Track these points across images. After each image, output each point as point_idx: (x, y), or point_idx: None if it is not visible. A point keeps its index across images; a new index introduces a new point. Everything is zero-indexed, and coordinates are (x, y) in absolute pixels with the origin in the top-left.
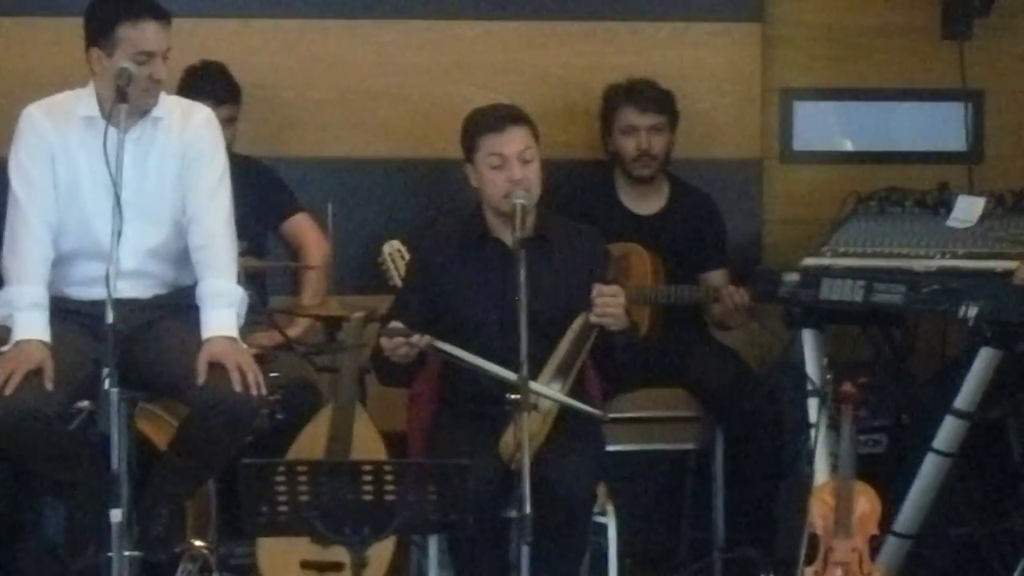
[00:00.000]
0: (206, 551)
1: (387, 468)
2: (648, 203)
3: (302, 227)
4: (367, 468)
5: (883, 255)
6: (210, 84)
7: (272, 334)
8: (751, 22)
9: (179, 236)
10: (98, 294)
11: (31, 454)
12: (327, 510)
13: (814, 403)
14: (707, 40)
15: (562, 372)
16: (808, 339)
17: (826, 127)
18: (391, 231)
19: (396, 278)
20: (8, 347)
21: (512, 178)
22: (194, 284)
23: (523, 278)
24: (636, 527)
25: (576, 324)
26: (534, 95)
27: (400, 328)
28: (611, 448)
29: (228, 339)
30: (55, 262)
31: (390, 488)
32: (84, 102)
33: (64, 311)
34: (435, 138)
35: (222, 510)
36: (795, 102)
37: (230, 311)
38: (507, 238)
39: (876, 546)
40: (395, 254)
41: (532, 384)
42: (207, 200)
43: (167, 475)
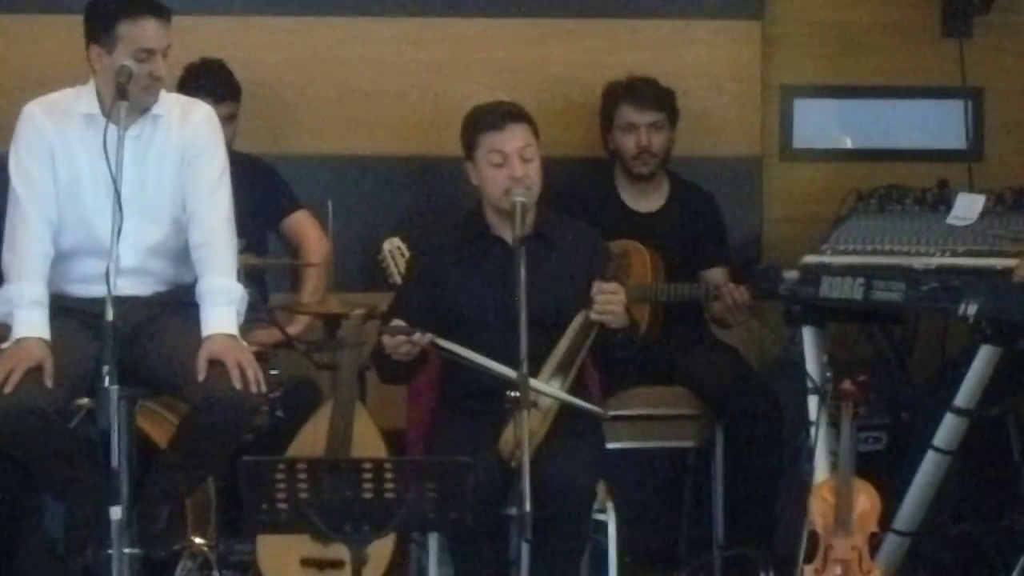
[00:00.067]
0: (206, 548)
1: (387, 466)
2: (648, 201)
3: (302, 224)
4: (367, 466)
5: (883, 253)
6: (210, 82)
7: (272, 331)
8: (751, 20)
9: (179, 234)
10: (98, 291)
11: (31, 452)
12: (327, 507)
13: (814, 401)
14: (707, 38)
15: (562, 370)
16: (808, 337)
17: (826, 125)
18: (391, 228)
19: (396, 275)
20: (8, 344)
21: (512, 176)
22: (194, 282)
23: (523, 276)
24: (636, 525)
25: (576, 322)
26: (534, 93)
27: (402, 326)
28: (611, 446)
29: (228, 337)
30: (55, 259)
31: (390, 486)
32: (84, 100)
33: (64, 308)
34: (435, 136)
35: (222, 507)
36: (795, 99)
37: (230, 309)
38: (507, 236)
39: (876, 544)
40: (395, 251)
41: (532, 382)
42: (207, 198)
43: (167, 472)
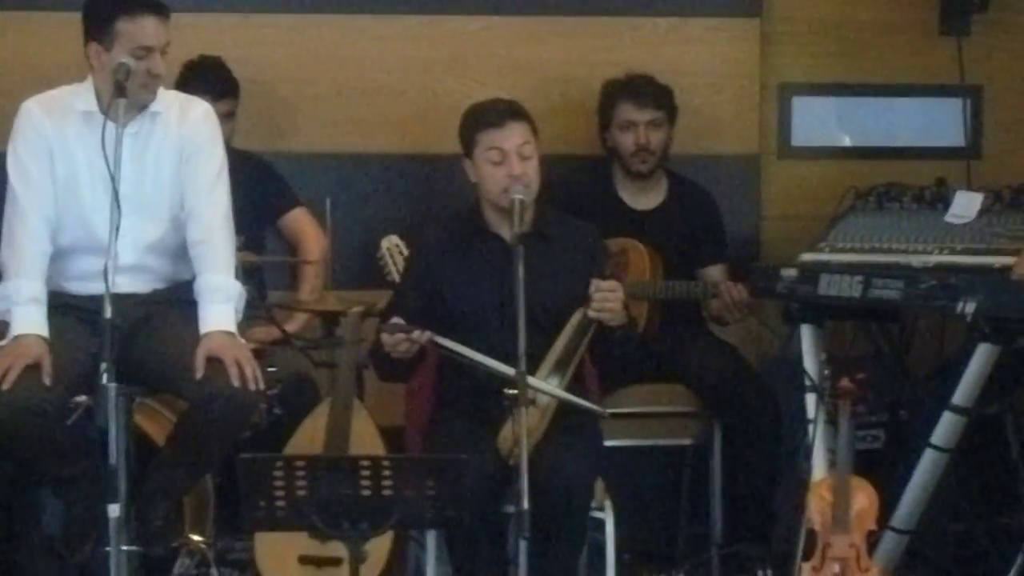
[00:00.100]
0: (204, 546)
1: (385, 463)
2: (646, 198)
3: (300, 222)
4: (365, 463)
5: (881, 251)
6: (208, 79)
7: (270, 329)
8: (749, 17)
9: (177, 231)
10: (96, 289)
11: (29, 449)
12: (325, 505)
13: (812, 399)
14: (705, 35)
15: (560, 367)
16: (806, 335)
17: (824, 123)
18: (389, 226)
19: (394, 273)
20: (6, 342)
21: (511, 173)
22: (192, 279)
23: (521, 273)
24: (634, 522)
25: (574, 319)
26: (532, 90)
27: (401, 324)
28: (609, 443)
29: (226, 334)
30: (53, 257)
31: (388, 483)
32: (82, 97)
33: (62, 306)
34: (433, 133)
35: (220, 505)
36: (793, 97)
37: (228, 306)
38: (505, 233)
39: (874, 542)
40: (393, 249)
41: (530, 379)
42: (205, 195)
43: (165, 470)
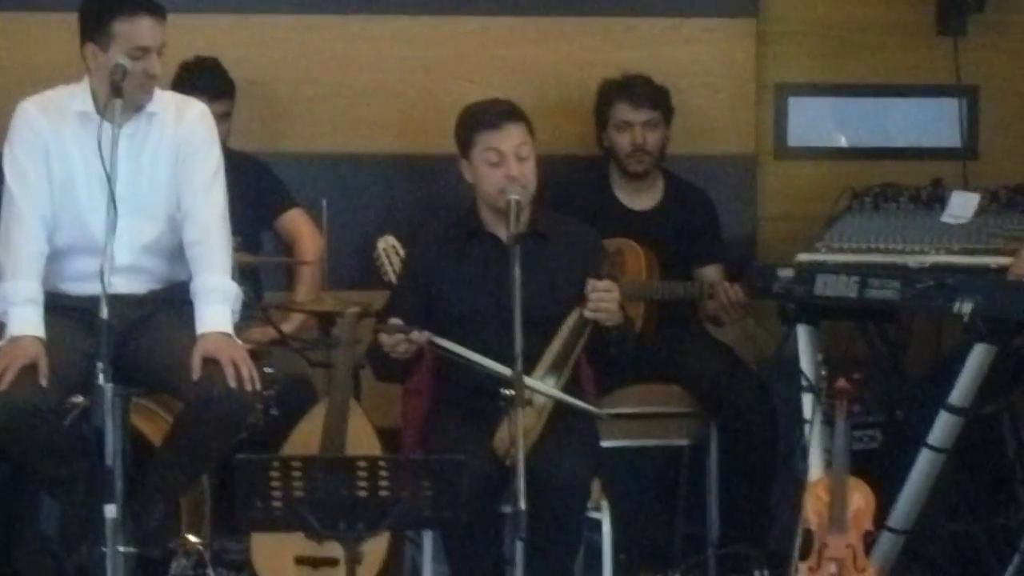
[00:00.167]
0: (200, 546)
1: (381, 463)
2: (643, 199)
3: (296, 223)
4: (361, 464)
5: (878, 251)
6: (204, 80)
7: (266, 330)
8: (746, 18)
9: (173, 232)
10: (92, 289)
11: (25, 450)
12: (321, 505)
13: (808, 399)
14: (702, 36)
15: (556, 368)
16: (802, 335)
17: (821, 123)
18: (385, 227)
19: (390, 274)
20: (2, 343)
21: (509, 175)
22: (188, 280)
23: (518, 274)
24: (630, 523)
25: (570, 319)
26: (529, 91)
27: (399, 324)
28: (605, 444)
29: (222, 335)
30: (49, 257)
31: (384, 483)
32: (79, 97)
33: (59, 307)
34: (430, 134)
35: (216, 506)
36: (790, 98)
37: (224, 307)
38: (502, 234)
39: (870, 542)
40: (389, 250)
41: (527, 380)
42: (201, 196)
43: (161, 470)
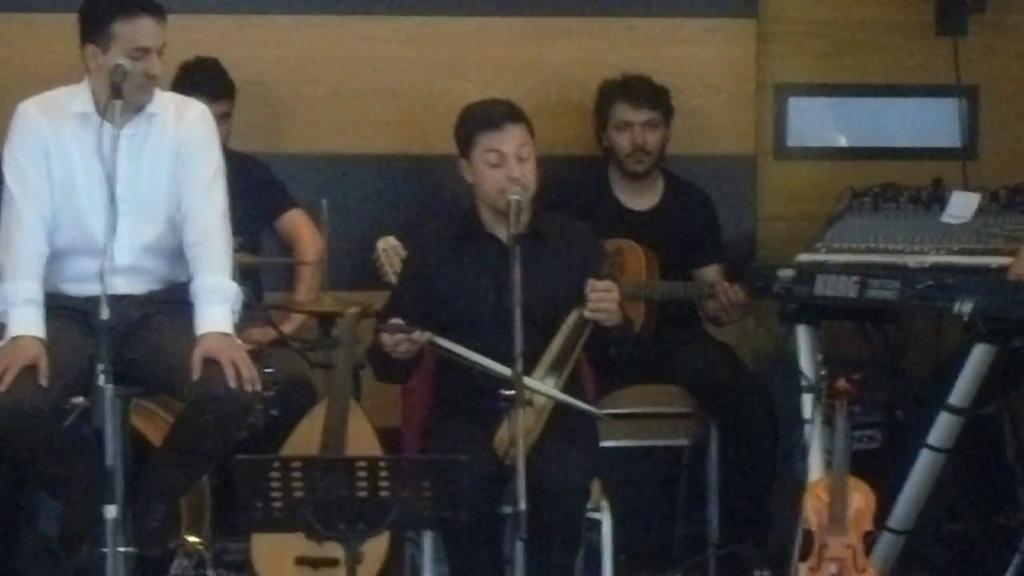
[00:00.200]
0: (201, 547)
1: (382, 464)
2: (643, 199)
3: (296, 223)
4: (362, 464)
5: (878, 251)
6: (204, 80)
7: (266, 330)
8: (745, 18)
9: (174, 232)
10: (93, 290)
11: (26, 450)
12: (322, 506)
13: (808, 399)
14: (701, 36)
15: (556, 368)
16: (802, 335)
17: (821, 123)
18: (385, 227)
19: (390, 274)
20: (3, 343)
21: (510, 176)
22: (189, 280)
23: (518, 274)
24: (630, 523)
25: (570, 319)
26: (529, 91)
27: (401, 324)
28: (605, 444)
29: (222, 335)
30: (50, 258)
31: (385, 484)
32: (79, 98)
33: (59, 307)
34: (430, 134)
35: (217, 506)
36: (789, 98)
37: (224, 307)
38: (502, 234)
39: (870, 542)
40: (389, 250)
41: (528, 380)
42: (202, 196)
43: (161, 471)
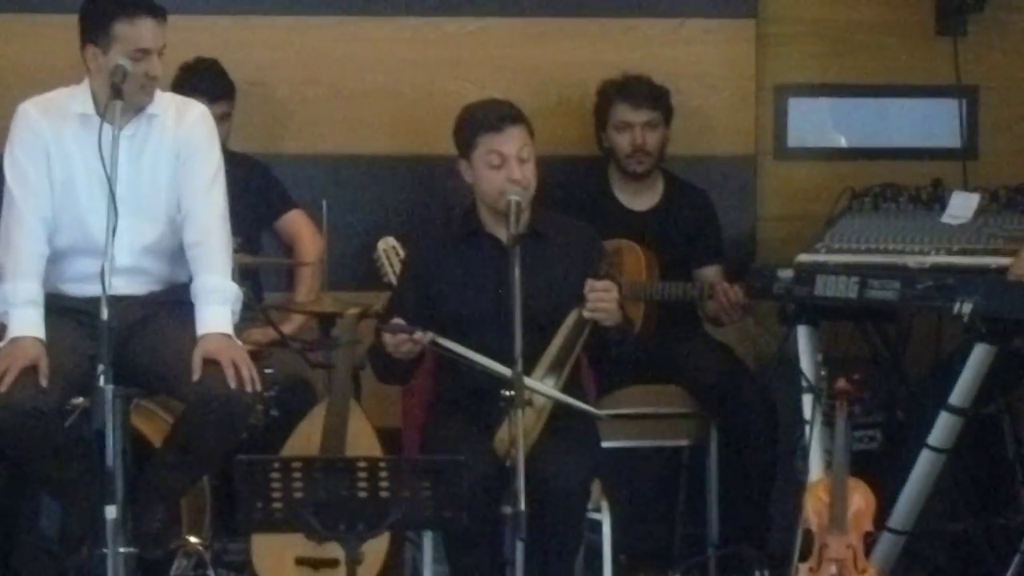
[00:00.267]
0: (201, 547)
1: (382, 464)
2: (642, 199)
3: (296, 224)
4: (362, 464)
5: (878, 251)
6: (204, 81)
7: (267, 330)
8: (745, 18)
9: (174, 233)
10: (93, 291)
11: (26, 451)
12: (322, 506)
13: (808, 399)
14: (701, 36)
15: (556, 368)
16: (803, 335)
17: (820, 123)
18: (385, 227)
19: (390, 274)
20: (3, 344)
21: (511, 178)
22: (189, 281)
23: (517, 274)
24: (630, 523)
25: (569, 319)
26: (529, 91)
27: (403, 324)
28: (605, 444)
29: (223, 336)
30: (50, 259)
31: (385, 484)
32: (79, 99)
33: (59, 308)
34: (430, 134)
35: (217, 506)
36: (789, 98)
37: (225, 308)
38: (502, 234)
39: (871, 542)
40: (389, 251)
41: (528, 380)
42: (202, 197)
43: (162, 471)
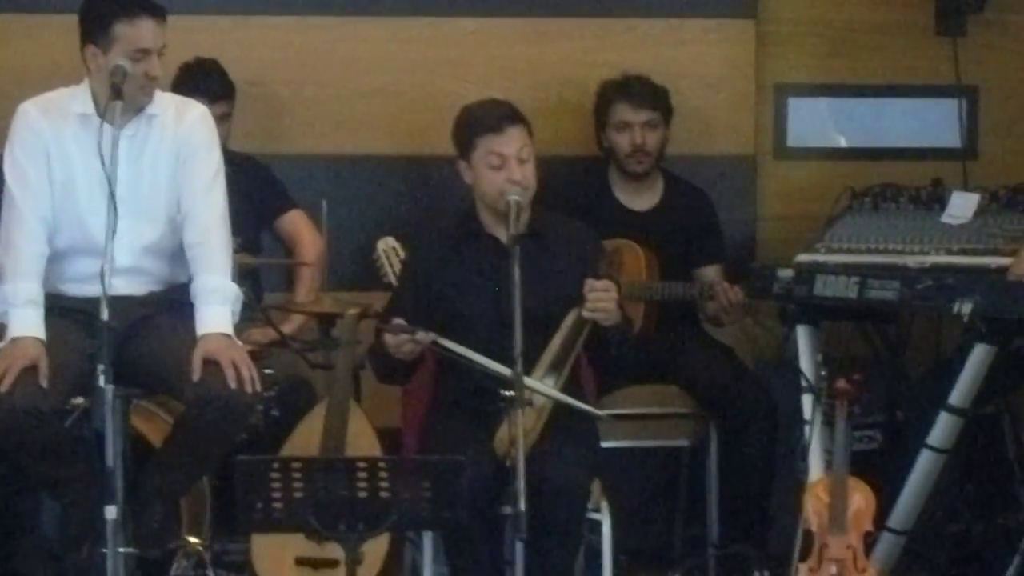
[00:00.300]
0: (201, 547)
1: (382, 464)
2: (642, 199)
3: (296, 224)
4: (362, 464)
5: (877, 251)
6: (204, 81)
7: (266, 331)
8: (745, 18)
9: (174, 233)
10: (93, 291)
11: (26, 451)
12: (322, 506)
13: (808, 399)
14: (701, 36)
15: (555, 368)
16: (802, 335)
17: (820, 123)
18: (385, 228)
19: (390, 275)
20: (3, 344)
21: (511, 178)
22: (189, 281)
23: (517, 275)
24: (630, 523)
25: (569, 319)
26: (528, 91)
27: (403, 324)
28: (605, 444)
29: (223, 336)
30: (50, 259)
31: (384, 484)
32: (79, 99)
33: (59, 308)
34: (429, 135)
35: (217, 506)
36: (789, 98)
37: (225, 308)
38: (501, 235)
39: (871, 542)
40: (389, 251)
41: (528, 381)
42: (202, 197)
43: (162, 472)
